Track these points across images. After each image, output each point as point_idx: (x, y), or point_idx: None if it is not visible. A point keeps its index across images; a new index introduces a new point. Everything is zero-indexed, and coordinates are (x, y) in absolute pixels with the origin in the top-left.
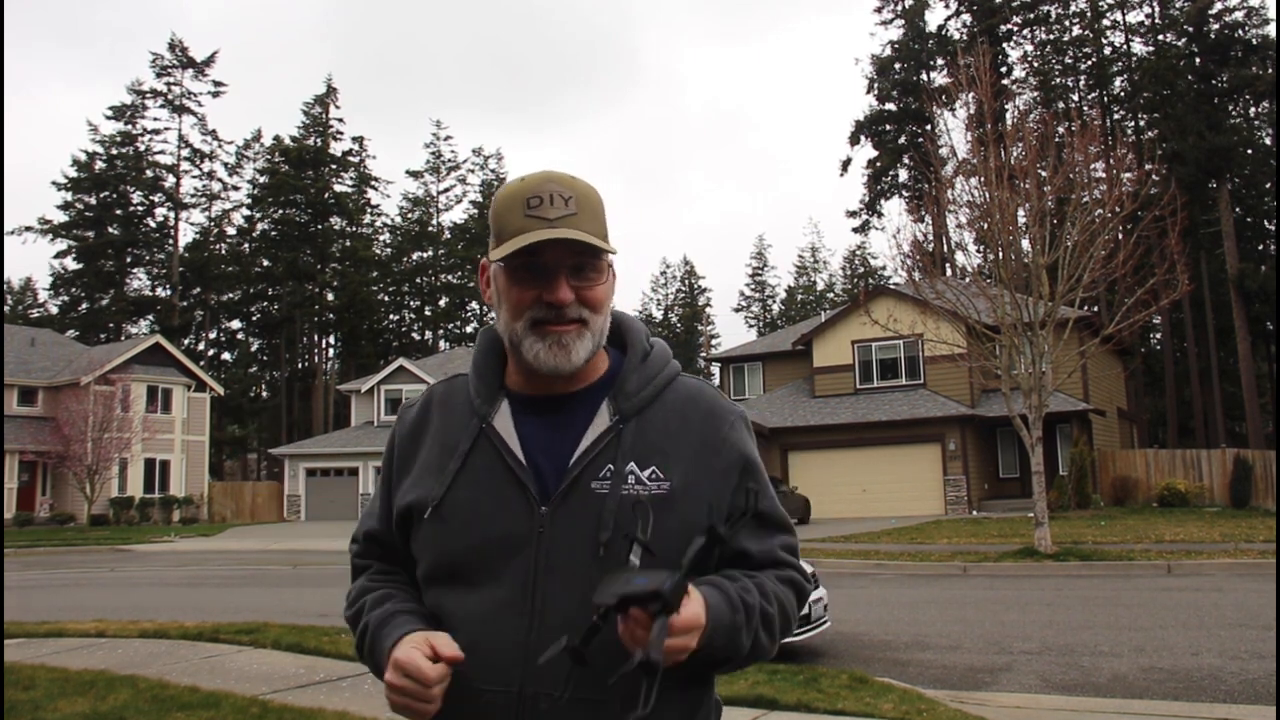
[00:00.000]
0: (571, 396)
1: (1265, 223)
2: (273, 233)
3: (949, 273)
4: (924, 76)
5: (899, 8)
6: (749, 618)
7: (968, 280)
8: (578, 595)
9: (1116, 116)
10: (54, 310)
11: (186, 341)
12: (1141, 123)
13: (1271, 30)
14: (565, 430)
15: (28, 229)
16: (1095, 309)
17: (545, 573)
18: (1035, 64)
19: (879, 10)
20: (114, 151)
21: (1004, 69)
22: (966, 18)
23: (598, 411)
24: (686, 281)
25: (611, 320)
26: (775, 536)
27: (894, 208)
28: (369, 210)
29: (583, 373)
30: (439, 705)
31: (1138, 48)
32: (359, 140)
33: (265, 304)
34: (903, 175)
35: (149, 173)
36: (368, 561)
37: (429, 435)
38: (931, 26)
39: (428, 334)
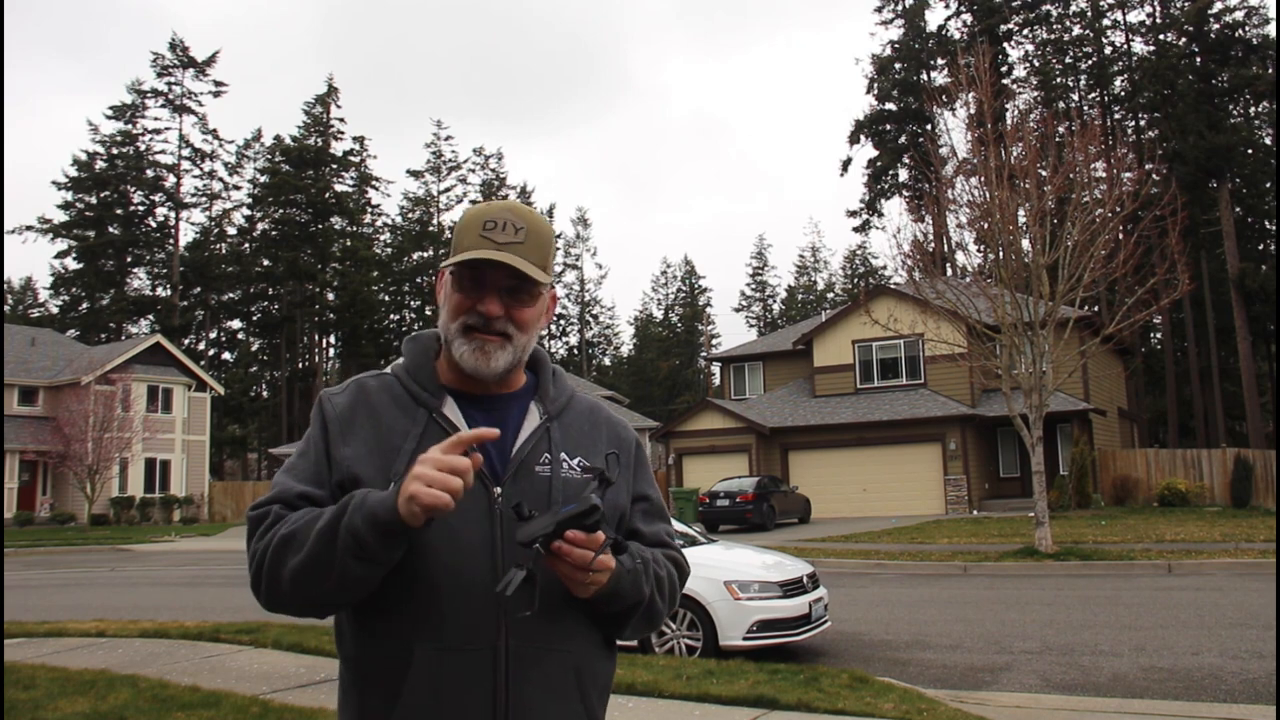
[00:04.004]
0: (501, 398)
1: (1266, 222)
2: (273, 232)
3: (949, 272)
4: (924, 76)
5: (899, 7)
6: (646, 569)
7: (968, 280)
8: None
9: (1117, 116)
10: (54, 310)
11: (187, 341)
12: (1142, 122)
13: (1271, 30)
14: (501, 424)
15: (28, 228)
16: (1095, 309)
17: (505, 541)
18: (1035, 64)
19: (879, 10)
20: (114, 151)
21: (1004, 69)
22: (967, 17)
23: (528, 412)
24: (687, 281)
25: None
26: (659, 522)
27: (894, 207)
28: (369, 210)
29: (509, 381)
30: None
31: (1138, 47)
32: (360, 140)
33: (265, 304)
34: (903, 175)
35: (149, 172)
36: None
37: (365, 419)
38: (931, 26)
39: None
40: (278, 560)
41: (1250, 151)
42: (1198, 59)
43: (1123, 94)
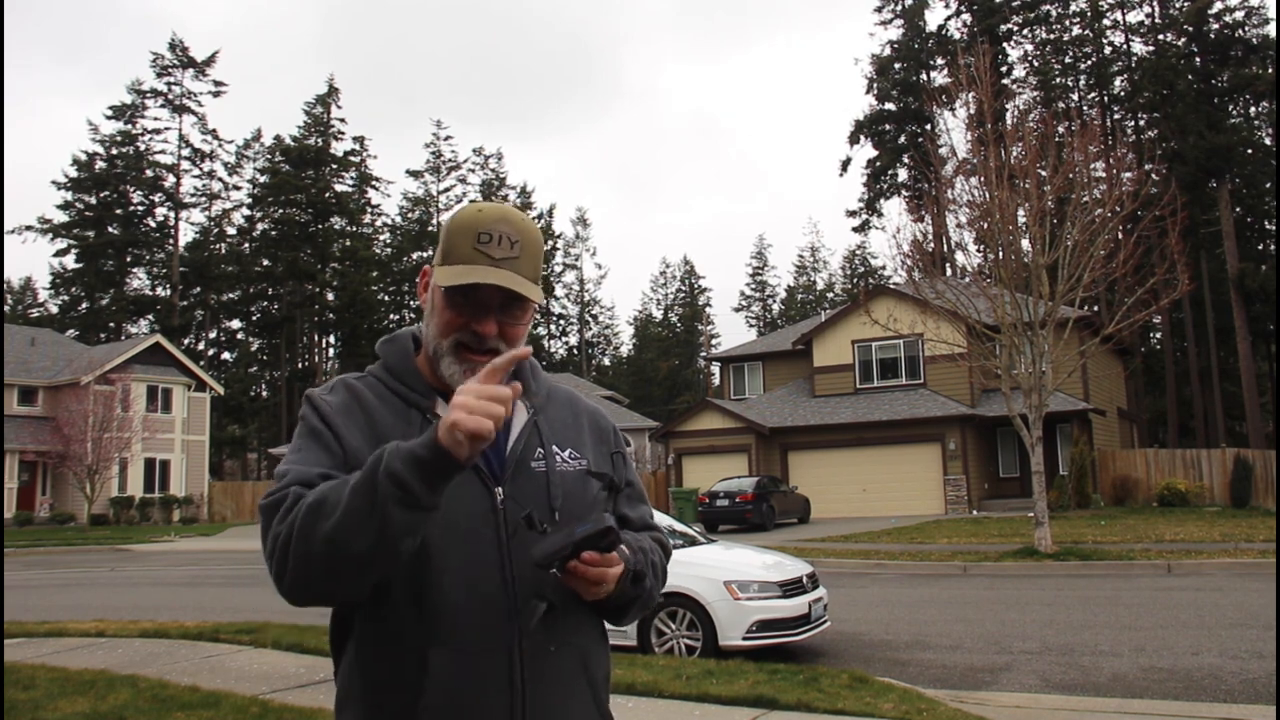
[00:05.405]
0: None
1: (1265, 222)
2: (273, 232)
3: (949, 272)
4: (924, 76)
5: (899, 7)
6: (647, 559)
7: (968, 280)
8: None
9: (1116, 116)
10: (54, 310)
11: (186, 341)
12: (1141, 122)
13: (1271, 30)
14: None
15: (28, 228)
16: (1095, 309)
17: (511, 539)
18: (1035, 64)
19: (879, 10)
20: (114, 151)
21: (1004, 69)
22: (966, 17)
23: (515, 407)
24: (687, 281)
25: None
26: (643, 506)
27: (894, 207)
28: (369, 210)
29: None
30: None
31: (1138, 47)
32: (360, 140)
33: (265, 304)
34: (903, 175)
35: (149, 172)
36: None
37: (360, 416)
38: (931, 26)
39: None
40: (308, 529)
41: (1250, 151)
42: (1197, 59)
43: (1122, 94)
